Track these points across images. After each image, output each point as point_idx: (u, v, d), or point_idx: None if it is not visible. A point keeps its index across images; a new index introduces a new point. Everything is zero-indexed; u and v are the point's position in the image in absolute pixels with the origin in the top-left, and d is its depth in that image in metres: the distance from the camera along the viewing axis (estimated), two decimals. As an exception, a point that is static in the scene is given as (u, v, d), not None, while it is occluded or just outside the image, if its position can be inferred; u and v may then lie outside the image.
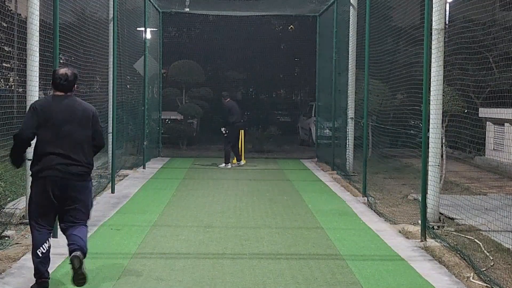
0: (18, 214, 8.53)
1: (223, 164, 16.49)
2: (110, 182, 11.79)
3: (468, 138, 11.71)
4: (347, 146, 14.29)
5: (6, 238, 7.55)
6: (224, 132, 16.50)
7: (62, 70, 5.89)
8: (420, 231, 8.15)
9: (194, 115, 22.12)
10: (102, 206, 10.18)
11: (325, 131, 18.58)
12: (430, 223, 8.36)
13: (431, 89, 8.43)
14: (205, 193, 11.96)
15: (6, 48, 13.59)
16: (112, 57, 12.49)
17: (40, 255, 5.68)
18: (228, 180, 14.03)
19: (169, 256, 7.21)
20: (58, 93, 5.84)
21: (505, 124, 14.76)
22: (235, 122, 16.50)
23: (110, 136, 12.01)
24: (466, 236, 8.00)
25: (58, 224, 7.96)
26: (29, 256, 6.93)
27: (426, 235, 8.05)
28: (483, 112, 15.31)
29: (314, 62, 20.46)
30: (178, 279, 6.27)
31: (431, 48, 8.40)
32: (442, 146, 9.48)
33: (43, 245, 5.70)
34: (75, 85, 5.95)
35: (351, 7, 14.04)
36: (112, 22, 12.65)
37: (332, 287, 6.15)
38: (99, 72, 13.37)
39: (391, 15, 14.05)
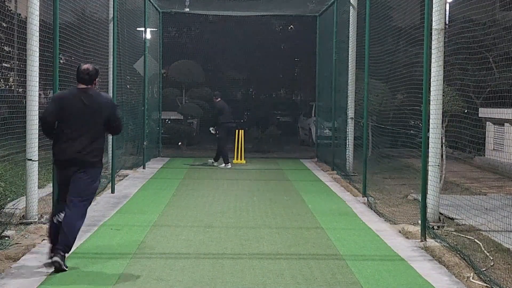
0: (18, 214, 8.53)
1: (223, 164, 16.50)
2: (110, 182, 11.79)
3: (468, 138, 11.71)
4: (347, 146, 14.28)
5: (6, 238, 7.54)
6: (213, 132, 16.61)
7: (85, 66, 6.77)
8: (420, 231, 8.14)
9: (194, 115, 22.11)
10: (102, 206, 10.18)
11: (325, 131, 18.58)
12: (430, 223, 8.35)
13: (431, 89, 8.42)
14: (205, 193, 11.96)
15: (6, 48, 13.60)
16: (112, 57, 12.50)
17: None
18: (228, 180, 14.03)
19: (169, 256, 7.21)
20: (80, 85, 6.69)
21: (505, 124, 14.75)
22: (225, 122, 16.57)
23: (110, 136, 12.00)
24: (466, 236, 8.00)
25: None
26: (29, 256, 6.96)
27: (426, 235, 8.05)
28: (483, 112, 15.30)
29: (314, 62, 20.45)
30: (178, 279, 6.27)
31: (431, 48, 8.40)
32: (442, 146, 9.48)
33: (60, 214, 6.57)
34: (97, 79, 6.80)
35: (351, 7, 14.04)
36: (112, 22, 12.65)
37: (332, 287, 6.15)
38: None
39: (391, 15, 14.03)
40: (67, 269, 6.39)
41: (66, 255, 6.48)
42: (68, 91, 6.94)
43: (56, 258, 6.29)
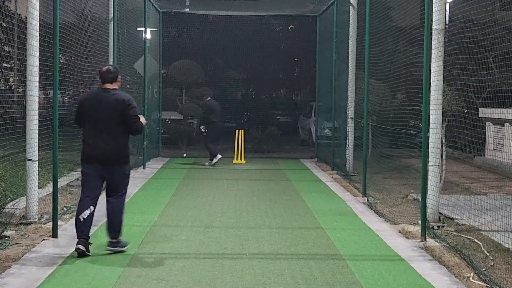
0: (18, 214, 8.53)
1: (214, 160, 16.60)
2: (110, 182, 11.77)
3: (468, 138, 11.71)
4: (347, 146, 14.28)
5: (6, 238, 7.55)
6: (203, 130, 16.78)
7: (105, 67, 7.33)
8: (420, 231, 8.14)
9: (194, 115, 22.12)
10: (102, 206, 10.14)
11: (325, 131, 18.58)
12: (430, 223, 8.35)
13: (431, 89, 8.42)
14: (205, 193, 11.96)
15: (6, 48, 13.60)
16: (112, 57, 12.50)
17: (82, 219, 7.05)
18: (228, 180, 14.04)
19: (169, 256, 7.21)
20: (104, 86, 7.16)
21: (505, 124, 14.76)
22: (216, 121, 16.71)
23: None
24: (466, 236, 8.00)
25: (58, 225, 8.00)
26: (29, 256, 6.97)
27: (426, 235, 8.05)
28: (483, 112, 15.31)
29: (314, 62, 20.46)
30: (178, 279, 6.27)
31: (431, 48, 8.40)
32: (442, 146, 9.48)
33: (84, 212, 7.07)
34: (119, 76, 7.27)
35: (351, 7, 14.04)
36: (112, 22, 12.66)
37: (332, 287, 6.15)
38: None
39: (391, 15, 14.04)
40: (125, 249, 7.21)
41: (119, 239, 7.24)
42: (91, 92, 7.43)
43: (78, 246, 6.90)
